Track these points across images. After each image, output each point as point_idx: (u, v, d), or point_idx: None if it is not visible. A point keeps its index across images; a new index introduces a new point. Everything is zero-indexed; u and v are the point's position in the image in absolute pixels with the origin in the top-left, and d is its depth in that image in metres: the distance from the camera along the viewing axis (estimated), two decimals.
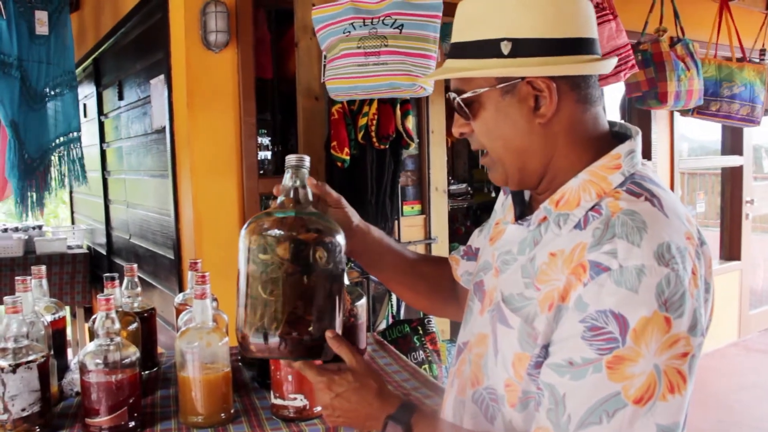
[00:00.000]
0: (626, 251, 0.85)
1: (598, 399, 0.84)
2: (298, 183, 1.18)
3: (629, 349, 0.83)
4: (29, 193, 3.44)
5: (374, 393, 1.09)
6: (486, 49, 0.96)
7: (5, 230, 4.64)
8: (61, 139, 3.38)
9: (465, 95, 0.99)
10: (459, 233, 4.88)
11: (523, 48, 0.94)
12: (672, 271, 0.84)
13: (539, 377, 0.92)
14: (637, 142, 1.00)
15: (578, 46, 0.95)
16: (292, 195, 1.17)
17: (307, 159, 1.20)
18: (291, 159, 1.19)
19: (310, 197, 1.19)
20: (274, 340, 1.07)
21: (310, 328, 1.08)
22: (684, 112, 4.02)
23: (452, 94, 1.02)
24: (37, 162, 3.31)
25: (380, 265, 1.37)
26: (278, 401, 1.49)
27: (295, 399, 1.47)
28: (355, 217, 1.31)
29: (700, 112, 3.91)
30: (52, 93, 3.30)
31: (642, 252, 0.85)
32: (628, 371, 0.83)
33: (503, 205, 1.22)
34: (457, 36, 1.01)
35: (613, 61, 1.00)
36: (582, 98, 0.98)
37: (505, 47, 0.94)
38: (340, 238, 1.13)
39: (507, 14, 0.94)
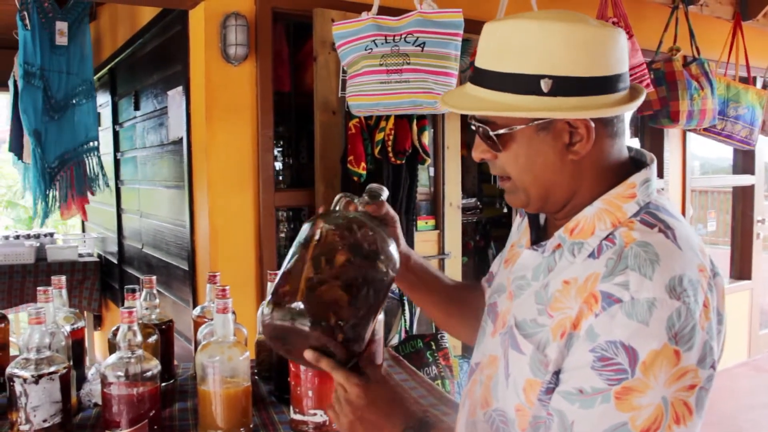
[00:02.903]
0: (638, 283, 0.86)
1: (606, 428, 0.85)
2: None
3: (638, 381, 0.83)
4: (47, 201, 3.46)
5: (396, 402, 1.11)
6: (524, 84, 0.92)
7: (17, 237, 4.66)
8: (79, 148, 3.40)
9: (499, 131, 0.97)
10: (468, 247, 4.88)
11: (563, 87, 0.91)
12: (683, 305, 0.85)
13: (550, 403, 0.92)
14: (653, 170, 1.00)
15: (615, 83, 0.94)
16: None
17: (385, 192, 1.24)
18: (373, 187, 1.23)
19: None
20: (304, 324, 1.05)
21: (342, 323, 1.05)
22: (693, 129, 4.02)
23: (479, 125, 0.99)
24: (55, 170, 3.33)
25: (419, 288, 1.37)
26: (298, 416, 1.48)
27: (315, 414, 1.46)
28: (403, 240, 1.31)
29: (706, 129, 3.90)
30: (71, 102, 3.33)
31: (654, 285, 0.85)
32: (636, 402, 0.83)
33: (519, 227, 1.22)
34: (488, 63, 0.96)
35: (642, 98, 0.99)
36: (611, 133, 0.98)
37: (545, 85, 0.91)
38: (395, 251, 1.15)
39: (549, 49, 0.91)
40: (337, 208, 1.21)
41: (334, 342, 1.05)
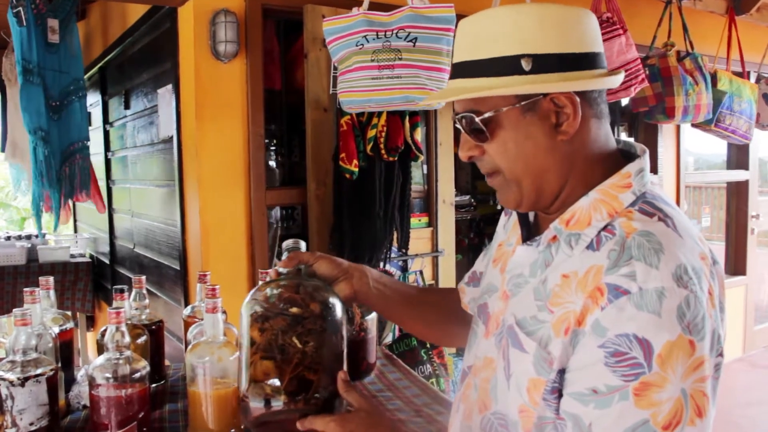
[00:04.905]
0: (645, 273, 0.84)
1: (627, 427, 0.82)
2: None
3: (656, 375, 0.81)
4: (57, 204, 3.41)
5: (389, 429, 1.08)
6: (505, 66, 0.93)
7: (8, 238, 4.62)
8: (73, 147, 3.35)
9: (485, 115, 0.95)
10: (462, 245, 4.87)
11: (544, 64, 0.92)
12: (691, 293, 0.83)
13: (561, 407, 0.90)
14: (646, 161, 0.99)
15: (593, 61, 0.95)
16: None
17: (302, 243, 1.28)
18: (288, 243, 1.26)
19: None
20: (277, 404, 1.06)
21: (317, 394, 1.07)
22: (702, 126, 4.00)
23: (465, 116, 0.97)
24: (59, 172, 3.28)
25: (386, 301, 1.32)
26: None
27: None
28: (343, 262, 1.28)
29: (717, 125, 3.90)
30: (65, 102, 3.28)
31: (661, 274, 0.83)
32: (656, 397, 0.81)
33: (505, 226, 1.20)
34: (467, 55, 0.97)
35: (622, 76, 1.00)
36: (597, 113, 0.97)
37: (526, 63, 0.92)
38: (334, 299, 1.17)
39: (525, 31, 0.92)
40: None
41: (313, 372, 1.06)
